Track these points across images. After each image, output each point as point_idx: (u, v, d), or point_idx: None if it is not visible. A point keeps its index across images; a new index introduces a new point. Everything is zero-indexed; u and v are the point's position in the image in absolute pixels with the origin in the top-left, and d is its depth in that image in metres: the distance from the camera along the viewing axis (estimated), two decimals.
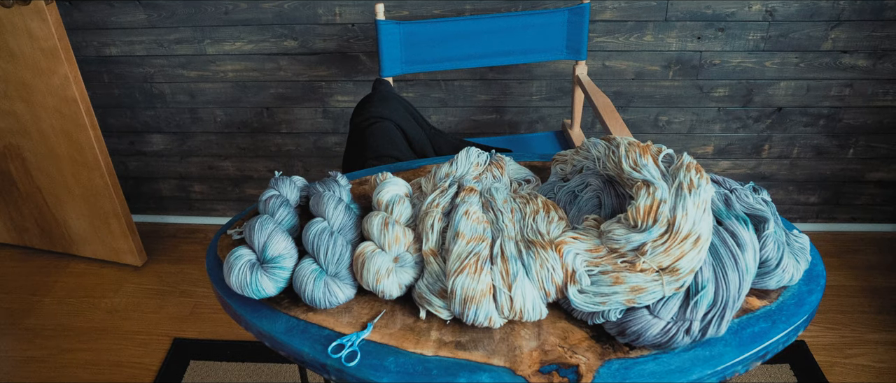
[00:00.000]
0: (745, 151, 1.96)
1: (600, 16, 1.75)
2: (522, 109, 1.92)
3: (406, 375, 0.67)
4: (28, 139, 1.81)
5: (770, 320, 0.72)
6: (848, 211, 2.06)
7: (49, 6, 1.55)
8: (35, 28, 1.58)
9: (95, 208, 1.89)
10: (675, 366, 0.66)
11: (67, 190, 1.88)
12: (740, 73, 1.82)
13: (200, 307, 1.85)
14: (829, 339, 1.67)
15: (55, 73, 1.64)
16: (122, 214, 1.88)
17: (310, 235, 0.79)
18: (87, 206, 1.89)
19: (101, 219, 1.90)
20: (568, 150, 0.92)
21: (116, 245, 1.95)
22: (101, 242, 1.97)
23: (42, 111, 1.73)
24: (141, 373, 1.63)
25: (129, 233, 1.91)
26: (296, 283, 0.77)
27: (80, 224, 1.95)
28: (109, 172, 1.81)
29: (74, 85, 1.65)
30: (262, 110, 1.97)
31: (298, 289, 0.76)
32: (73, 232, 1.99)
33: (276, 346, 0.74)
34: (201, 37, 1.85)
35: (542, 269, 0.70)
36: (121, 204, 1.86)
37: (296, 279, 0.77)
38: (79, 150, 1.77)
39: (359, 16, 1.78)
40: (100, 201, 1.86)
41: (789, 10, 1.71)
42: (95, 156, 1.77)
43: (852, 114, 1.87)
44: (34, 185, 1.92)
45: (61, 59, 1.61)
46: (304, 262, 0.78)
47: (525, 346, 0.70)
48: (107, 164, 1.80)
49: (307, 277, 0.76)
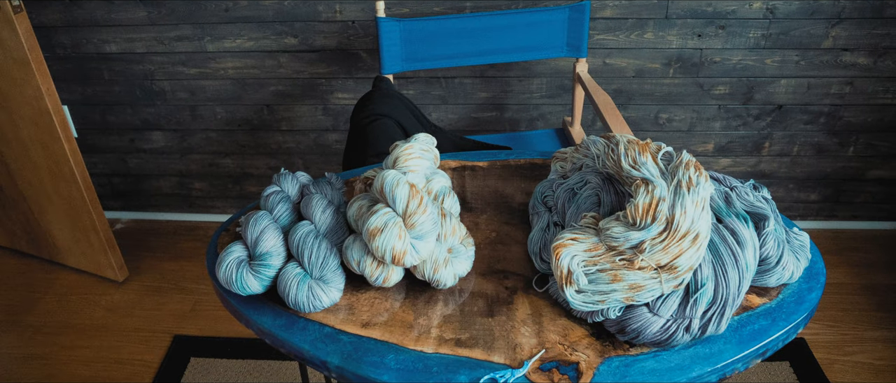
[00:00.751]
0: (745, 149, 1.96)
1: (601, 13, 1.75)
2: (523, 107, 1.92)
3: (406, 372, 0.67)
4: (10, 147, 1.78)
5: (770, 317, 0.72)
6: (848, 208, 2.06)
7: (18, 16, 1.50)
8: (6, 37, 1.53)
9: (75, 221, 1.84)
10: (675, 364, 0.66)
11: (49, 200, 1.84)
12: (741, 71, 1.82)
13: (201, 304, 1.85)
14: (828, 337, 1.67)
15: (28, 83, 1.59)
16: (101, 229, 1.82)
17: (295, 238, 0.79)
18: (67, 218, 1.85)
19: (82, 231, 1.86)
20: (568, 148, 0.92)
21: (97, 259, 1.91)
22: (82, 254, 1.93)
23: (20, 120, 1.69)
24: (141, 370, 1.63)
25: (107, 248, 1.86)
26: (280, 286, 0.76)
27: (63, 235, 1.91)
28: (86, 186, 1.76)
29: (47, 97, 1.60)
30: (262, 107, 1.97)
31: (282, 293, 0.75)
32: (58, 241, 1.95)
33: (277, 343, 0.74)
34: (201, 34, 1.85)
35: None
36: (99, 218, 1.81)
37: (280, 282, 0.76)
38: (55, 163, 1.73)
39: (359, 13, 1.78)
40: (78, 215, 1.81)
41: (790, 8, 1.71)
42: (71, 169, 1.71)
43: (853, 111, 1.87)
44: (19, 193, 1.89)
45: (33, 71, 1.56)
46: (288, 266, 0.77)
47: (525, 344, 0.70)
48: (83, 178, 1.74)
49: (291, 280, 0.75)
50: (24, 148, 1.76)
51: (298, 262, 0.77)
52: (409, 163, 0.82)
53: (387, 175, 0.77)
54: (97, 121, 2.05)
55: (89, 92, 1.98)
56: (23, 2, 1.78)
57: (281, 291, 0.75)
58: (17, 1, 1.50)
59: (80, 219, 1.83)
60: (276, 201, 0.85)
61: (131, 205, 2.24)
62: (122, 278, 1.94)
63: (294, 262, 0.77)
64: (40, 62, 1.58)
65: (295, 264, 0.77)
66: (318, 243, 0.78)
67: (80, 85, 1.97)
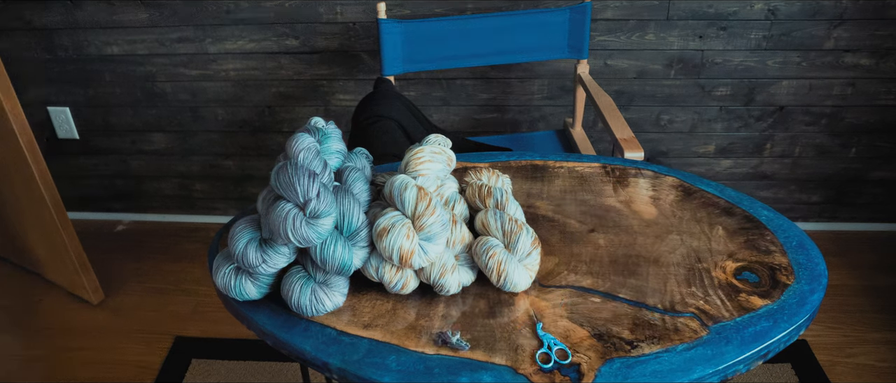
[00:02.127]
0: (746, 150, 1.96)
1: (602, 15, 1.75)
2: (524, 108, 1.92)
3: (407, 374, 0.67)
4: None
5: (772, 319, 0.72)
6: (850, 210, 2.06)
7: None
8: None
9: (50, 241, 1.81)
10: (677, 365, 0.66)
11: (26, 217, 1.81)
12: (742, 72, 1.82)
13: (202, 305, 1.85)
14: (830, 338, 1.67)
15: None
16: (73, 252, 1.78)
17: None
18: (43, 238, 1.82)
19: (57, 252, 1.82)
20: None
21: (72, 279, 1.87)
22: (59, 273, 1.90)
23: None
24: (142, 372, 1.63)
25: (81, 270, 1.82)
26: (283, 290, 0.75)
27: (42, 252, 1.88)
28: (58, 210, 1.71)
29: (11, 118, 1.55)
30: (263, 109, 1.97)
31: (285, 296, 0.75)
32: (39, 259, 1.92)
33: (278, 345, 0.74)
34: (203, 36, 1.85)
35: None
36: (71, 242, 1.77)
37: (283, 285, 0.75)
38: (26, 184, 1.69)
39: (360, 14, 1.78)
40: (51, 237, 1.78)
41: (791, 9, 1.71)
42: (41, 193, 1.67)
43: (854, 113, 1.87)
44: (2, 207, 1.86)
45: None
46: (292, 269, 0.76)
47: (527, 345, 0.70)
48: (54, 201, 1.70)
49: (295, 283, 0.74)
50: (1, 167, 1.72)
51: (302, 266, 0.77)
52: (419, 167, 0.81)
53: (395, 179, 0.77)
54: (99, 123, 2.05)
55: (91, 94, 1.99)
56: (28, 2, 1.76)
57: (284, 294, 0.75)
58: None
59: (54, 241, 1.79)
60: None
61: (133, 206, 2.24)
62: (97, 301, 1.88)
63: (297, 266, 0.77)
64: (5, 81, 1.52)
65: (298, 267, 0.77)
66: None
67: (81, 87, 1.98)
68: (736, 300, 0.74)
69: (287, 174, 0.72)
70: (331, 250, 0.73)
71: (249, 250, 0.73)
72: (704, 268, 0.80)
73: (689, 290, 0.76)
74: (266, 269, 0.74)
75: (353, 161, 0.86)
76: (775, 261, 0.81)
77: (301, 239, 0.71)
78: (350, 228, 0.75)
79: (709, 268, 0.80)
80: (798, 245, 0.83)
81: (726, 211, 0.91)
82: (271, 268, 0.75)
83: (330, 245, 0.73)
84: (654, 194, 0.96)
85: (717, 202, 0.93)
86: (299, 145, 0.77)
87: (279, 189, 0.73)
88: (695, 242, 0.85)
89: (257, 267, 0.74)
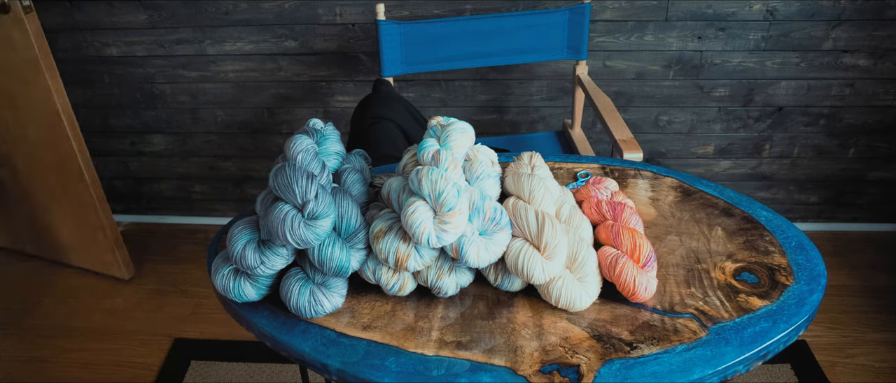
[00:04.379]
0: (745, 151, 1.96)
1: (601, 16, 1.75)
2: (523, 109, 1.92)
3: (407, 375, 0.67)
4: (17, 147, 1.79)
5: (771, 320, 0.72)
6: (849, 210, 2.06)
7: (28, 15, 1.51)
8: (16, 37, 1.54)
9: (82, 220, 1.85)
10: (676, 366, 0.66)
11: (55, 200, 1.85)
12: (741, 73, 1.82)
13: (201, 307, 1.85)
14: (830, 339, 1.67)
15: (37, 83, 1.61)
16: (108, 227, 1.84)
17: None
18: (74, 217, 1.86)
19: (89, 230, 1.87)
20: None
21: (104, 257, 1.92)
22: (88, 253, 1.94)
23: (28, 120, 1.71)
24: (142, 373, 1.63)
25: (115, 247, 1.87)
26: (282, 291, 0.75)
27: (70, 234, 1.92)
28: (94, 185, 1.77)
29: (56, 96, 1.62)
30: (262, 110, 1.97)
31: (284, 297, 0.75)
32: (64, 241, 1.96)
33: (277, 346, 0.74)
34: (202, 37, 1.85)
35: None
36: (106, 217, 1.83)
37: (282, 287, 0.75)
38: (63, 162, 1.74)
39: (359, 16, 1.78)
40: (86, 213, 1.83)
41: (790, 10, 1.71)
42: (79, 168, 1.73)
43: (853, 113, 1.87)
44: (25, 193, 1.90)
45: (42, 70, 1.58)
46: (291, 270, 0.76)
47: (526, 346, 0.70)
48: (92, 177, 1.76)
49: (293, 285, 0.74)
50: (31, 147, 1.77)
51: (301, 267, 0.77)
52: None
53: (392, 182, 0.77)
54: (98, 125, 2.05)
55: (90, 95, 1.99)
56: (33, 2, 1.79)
57: (283, 296, 0.75)
58: (27, 1, 1.51)
59: (88, 219, 1.84)
60: None
61: (132, 208, 2.24)
62: (129, 276, 1.96)
63: (296, 267, 0.77)
64: (50, 61, 1.59)
65: (297, 268, 0.77)
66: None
67: (81, 88, 1.98)
68: (735, 301, 0.74)
69: (285, 175, 0.72)
70: (328, 252, 0.73)
71: (248, 251, 0.73)
72: (704, 269, 0.80)
73: (688, 291, 0.76)
74: (265, 271, 0.74)
75: (352, 162, 0.86)
76: (774, 261, 0.81)
77: (299, 240, 0.71)
78: (348, 230, 0.75)
79: (708, 269, 0.80)
80: (797, 245, 0.83)
81: (725, 211, 0.91)
82: (270, 270, 0.74)
83: (328, 246, 0.73)
84: (653, 195, 0.96)
85: (716, 203, 0.93)
86: (298, 147, 0.77)
87: (278, 190, 0.73)
88: (694, 243, 0.85)
89: (256, 268, 0.74)
